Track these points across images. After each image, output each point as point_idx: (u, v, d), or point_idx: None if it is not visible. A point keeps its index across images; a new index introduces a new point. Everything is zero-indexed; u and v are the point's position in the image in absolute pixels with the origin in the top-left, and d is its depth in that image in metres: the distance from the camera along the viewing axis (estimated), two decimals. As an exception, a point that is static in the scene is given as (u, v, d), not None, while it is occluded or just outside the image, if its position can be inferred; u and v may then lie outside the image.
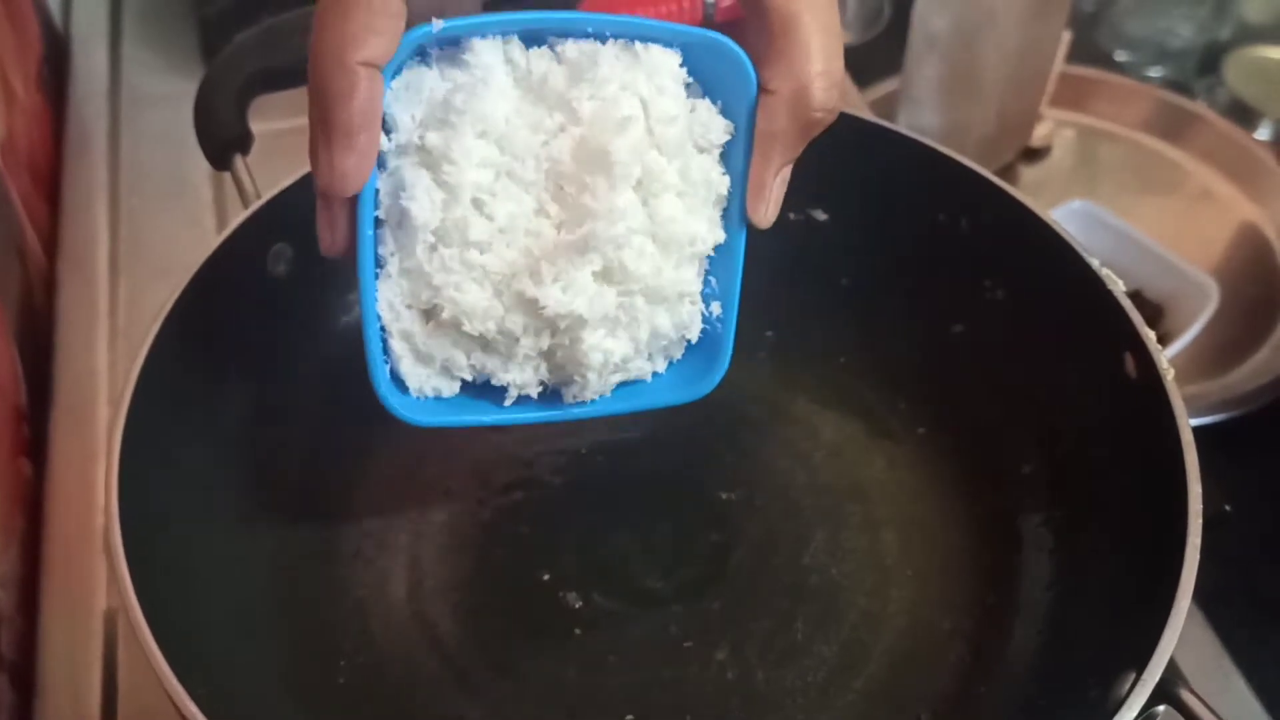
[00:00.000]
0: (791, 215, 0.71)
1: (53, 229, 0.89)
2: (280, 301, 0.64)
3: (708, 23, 1.01)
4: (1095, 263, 0.59)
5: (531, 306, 0.46)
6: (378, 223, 0.46)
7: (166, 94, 0.97)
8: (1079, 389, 0.61)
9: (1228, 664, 0.68)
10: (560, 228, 0.46)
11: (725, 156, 0.48)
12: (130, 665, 0.64)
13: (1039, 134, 1.10)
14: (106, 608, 0.67)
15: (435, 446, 0.66)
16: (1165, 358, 0.55)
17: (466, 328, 0.47)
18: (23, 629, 0.66)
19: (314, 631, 0.58)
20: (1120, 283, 0.59)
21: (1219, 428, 0.86)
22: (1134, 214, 1.02)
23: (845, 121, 0.69)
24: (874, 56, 1.19)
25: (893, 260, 0.69)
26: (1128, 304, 0.57)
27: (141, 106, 0.97)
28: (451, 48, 0.45)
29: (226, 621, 0.55)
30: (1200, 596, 0.48)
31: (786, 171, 0.48)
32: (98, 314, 0.82)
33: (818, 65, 0.45)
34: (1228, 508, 0.80)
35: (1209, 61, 1.22)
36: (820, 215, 0.70)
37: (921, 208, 0.67)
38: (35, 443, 0.75)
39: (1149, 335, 0.56)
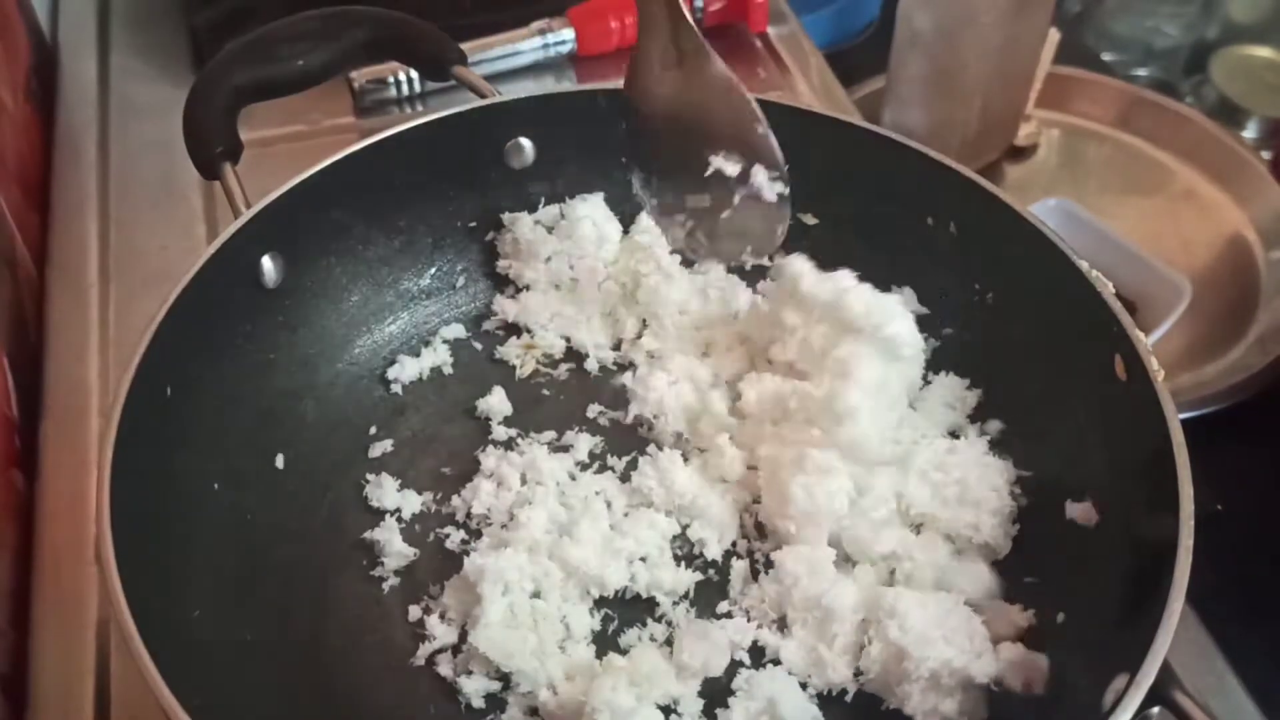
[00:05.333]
0: (781, 220, 0.71)
1: (43, 239, 0.88)
2: (272, 311, 0.64)
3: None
4: (1084, 265, 0.59)
5: None
6: None
7: (156, 103, 0.97)
8: (1069, 391, 0.61)
9: (1220, 662, 0.68)
10: None
11: None
12: (123, 676, 0.64)
13: (1024, 133, 1.10)
14: (99, 618, 0.67)
15: (429, 456, 0.67)
16: (1155, 360, 0.55)
17: None
18: (14, 641, 0.66)
19: (308, 642, 0.58)
20: (1110, 285, 0.59)
21: (1203, 426, 0.87)
22: (1118, 214, 1.02)
23: (836, 126, 0.69)
24: (861, 55, 1.19)
25: (882, 263, 0.69)
26: (1117, 306, 0.57)
27: (131, 116, 0.97)
28: None
29: (220, 631, 0.55)
30: (1192, 595, 0.48)
31: None
32: (88, 324, 0.82)
33: None
34: (1219, 507, 0.80)
35: (1196, 61, 1.22)
36: (809, 219, 0.70)
37: (911, 211, 0.67)
38: (26, 454, 0.75)
39: (1139, 337, 0.56)
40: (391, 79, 0.95)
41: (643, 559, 0.61)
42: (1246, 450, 0.87)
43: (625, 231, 0.72)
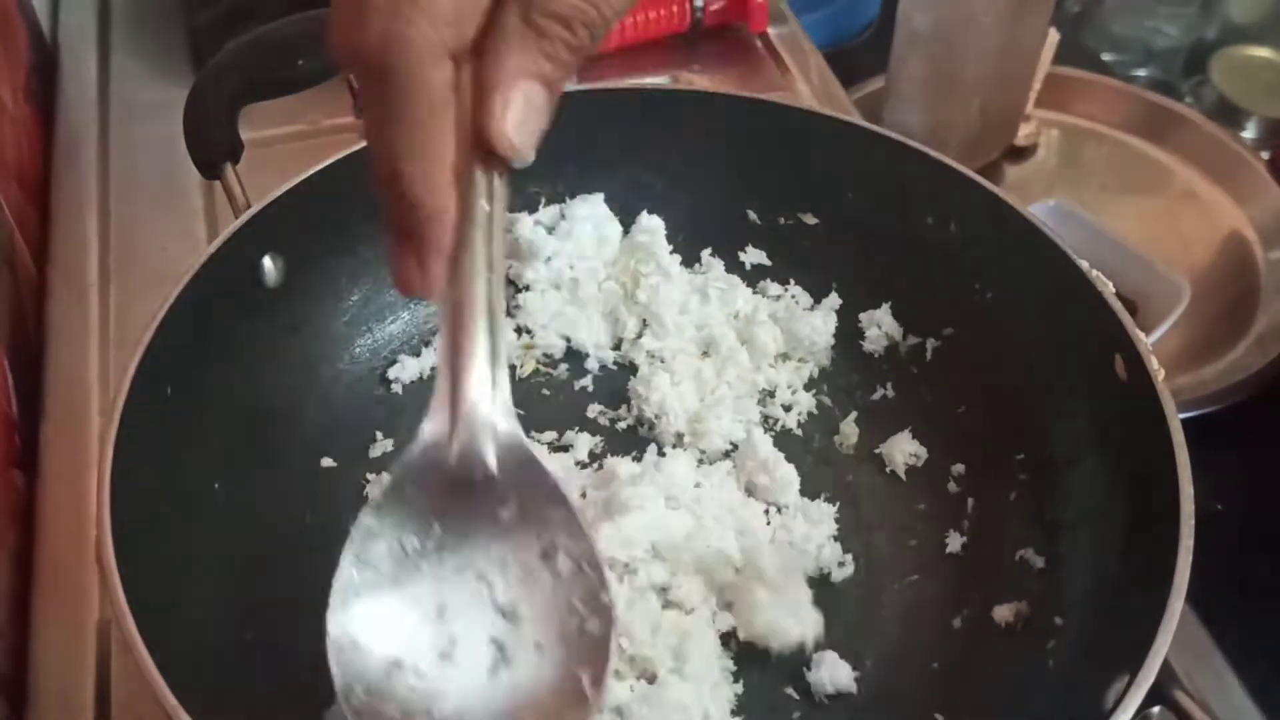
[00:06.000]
0: (781, 219, 0.71)
1: (43, 238, 0.88)
2: (272, 311, 0.64)
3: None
4: (1085, 264, 0.59)
5: None
6: None
7: (156, 102, 0.97)
8: (1069, 391, 0.61)
9: (1220, 662, 0.68)
10: None
11: None
12: (124, 677, 0.64)
13: (1024, 133, 1.10)
14: (99, 619, 0.67)
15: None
16: (1156, 360, 0.55)
17: None
18: (15, 641, 0.66)
19: (310, 643, 0.58)
20: (1110, 284, 0.59)
21: (1203, 427, 0.87)
22: (1117, 214, 1.03)
23: (835, 125, 0.70)
24: (861, 55, 1.19)
25: (883, 263, 0.69)
26: (1117, 305, 0.58)
27: (131, 115, 0.97)
28: None
29: (221, 632, 0.55)
30: (1192, 595, 0.48)
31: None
32: (89, 323, 0.82)
33: None
34: (1219, 507, 0.80)
35: (1195, 61, 1.22)
36: (810, 219, 0.71)
37: (911, 211, 0.67)
38: (26, 453, 0.75)
39: (1139, 336, 0.56)
40: (392, 79, 0.94)
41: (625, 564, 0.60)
42: (1246, 450, 0.87)
43: (625, 232, 0.72)
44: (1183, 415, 0.53)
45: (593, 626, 0.43)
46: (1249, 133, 1.16)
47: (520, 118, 0.40)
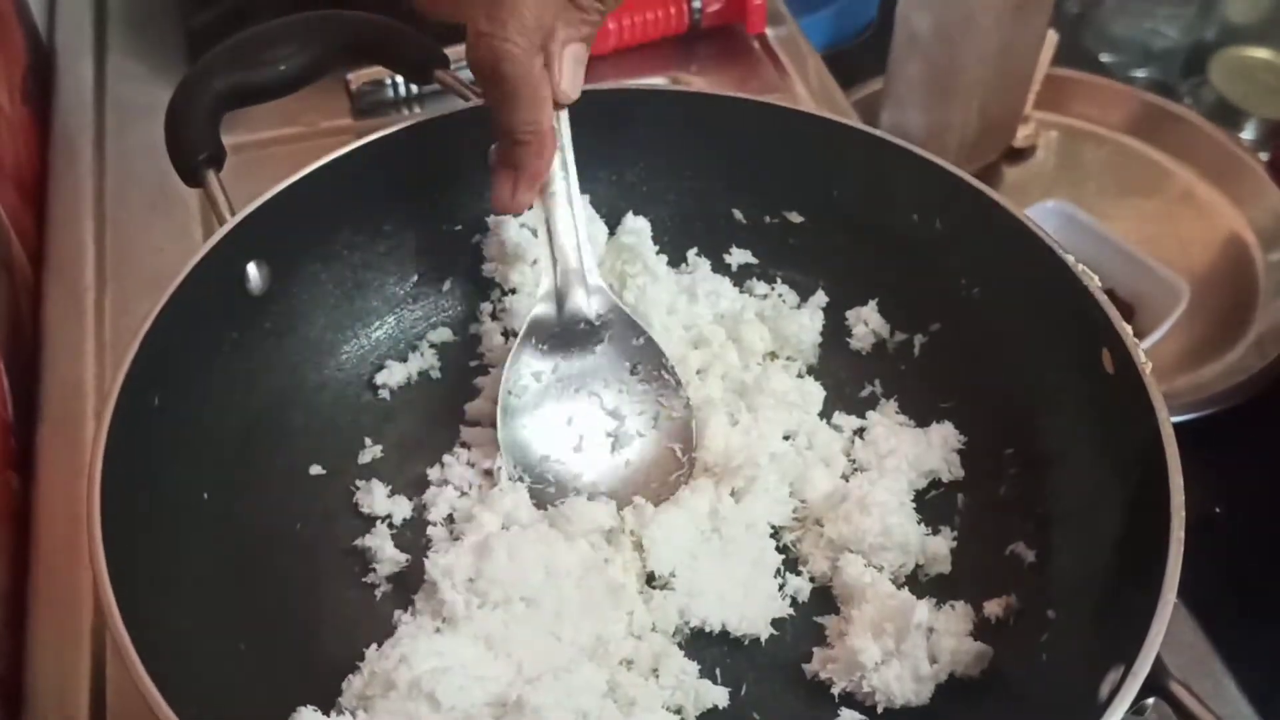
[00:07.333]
0: (767, 218, 0.71)
1: (39, 241, 0.88)
2: (258, 318, 0.64)
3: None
4: (1070, 259, 0.59)
5: None
6: None
7: (152, 105, 0.95)
8: (1057, 385, 0.61)
9: (1218, 665, 0.68)
10: None
11: None
12: (119, 679, 0.64)
13: (1023, 135, 1.10)
14: (95, 621, 0.67)
15: (418, 462, 0.67)
16: (1142, 351, 0.55)
17: None
18: (10, 643, 0.66)
19: (302, 651, 0.58)
20: (1096, 278, 0.59)
21: (1201, 429, 0.87)
22: (1116, 215, 1.03)
23: (818, 123, 0.69)
24: (859, 57, 1.19)
25: (869, 260, 0.69)
26: (1104, 299, 0.57)
27: (127, 117, 0.97)
28: None
29: (214, 642, 0.55)
30: (1190, 597, 0.48)
31: None
32: (84, 326, 0.82)
33: None
34: (1218, 509, 0.80)
35: (1194, 62, 1.22)
36: (795, 217, 0.70)
37: (896, 208, 0.67)
38: (22, 456, 0.75)
39: (1125, 329, 0.56)
40: (389, 81, 0.94)
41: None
42: (1245, 452, 0.87)
43: (611, 233, 0.72)
44: (1181, 417, 0.53)
45: (675, 414, 0.64)
46: (1248, 134, 1.16)
47: (572, 73, 0.56)
